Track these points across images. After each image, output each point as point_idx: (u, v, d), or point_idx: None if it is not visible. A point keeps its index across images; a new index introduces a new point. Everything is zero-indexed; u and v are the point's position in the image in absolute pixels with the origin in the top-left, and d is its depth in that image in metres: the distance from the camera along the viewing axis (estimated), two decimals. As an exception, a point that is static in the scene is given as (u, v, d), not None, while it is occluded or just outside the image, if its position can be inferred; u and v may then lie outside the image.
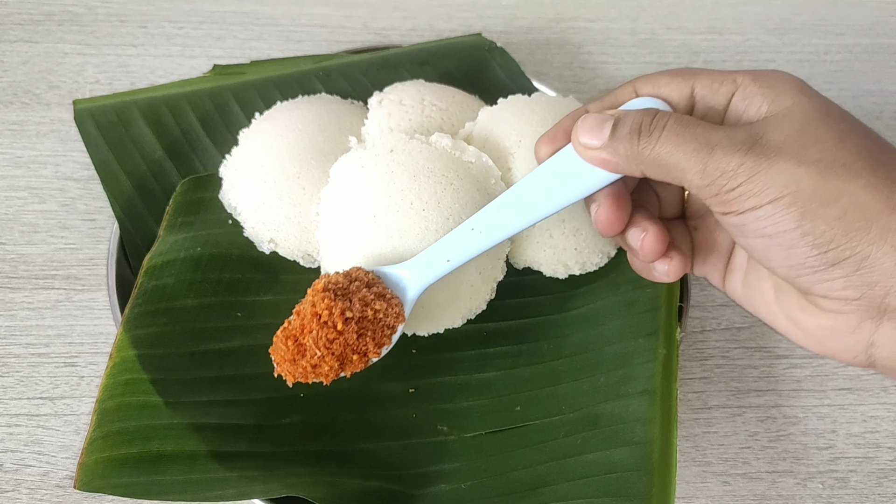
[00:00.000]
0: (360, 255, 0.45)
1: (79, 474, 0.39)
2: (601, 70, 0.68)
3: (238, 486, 0.39)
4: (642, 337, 0.45)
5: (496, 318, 0.48)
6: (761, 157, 0.33)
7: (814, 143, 0.33)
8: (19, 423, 0.47)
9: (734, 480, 0.48)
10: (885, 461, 0.49)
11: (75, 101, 0.55)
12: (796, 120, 0.34)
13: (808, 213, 0.32)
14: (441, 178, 0.45)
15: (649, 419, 0.41)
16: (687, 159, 0.34)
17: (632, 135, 0.36)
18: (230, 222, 0.50)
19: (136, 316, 0.45)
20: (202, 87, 0.58)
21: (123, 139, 0.53)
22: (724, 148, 0.34)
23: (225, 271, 0.48)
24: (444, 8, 0.71)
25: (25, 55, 0.64)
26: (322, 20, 0.69)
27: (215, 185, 0.51)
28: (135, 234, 0.50)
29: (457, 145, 0.47)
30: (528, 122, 0.49)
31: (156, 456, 0.40)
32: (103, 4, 0.68)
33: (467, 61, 0.61)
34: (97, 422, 0.41)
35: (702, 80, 0.38)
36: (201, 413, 0.42)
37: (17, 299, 0.51)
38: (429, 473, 0.43)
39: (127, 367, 0.43)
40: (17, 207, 0.55)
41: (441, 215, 0.45)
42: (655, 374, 0.43)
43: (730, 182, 0.33)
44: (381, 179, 0.45)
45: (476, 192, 0.46)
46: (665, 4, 0.74)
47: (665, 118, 0.35)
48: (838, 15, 0.74)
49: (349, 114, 0.53)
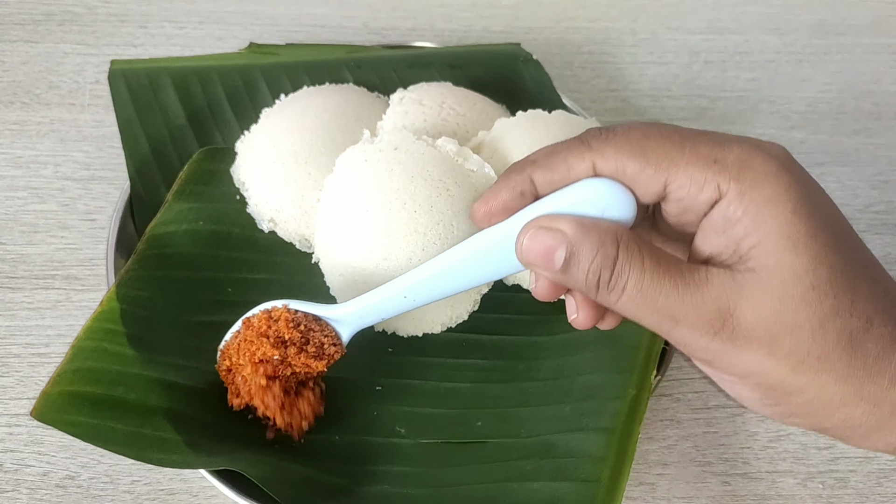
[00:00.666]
0: (348, 250, 0.45)
1: (38, 402, 0.40)
2: (601, 70, 0.68)
3: (183, 454, 0.40)
4: (616, 372, 0.44)
5: (478, 330, 0.48)
6: (728, 342, 0.30)
7: (789, 331, 0.30)
8: (19, 423, 0.47)
9: (734, 480, 0.48)
10: (884, 461, 0.49)
11: (113, 61, 0.57)
12: (775, 294, 0.30)
13: (772, 395, 0.31)
14: (438, 182, 0.45)
15: (601, 458, 0.41)
16: (649, 324, 0.32)
17: (588, 285, 0.32)
18: (238, 198, 0.51)
19: (130, 279, 0.46)
20: (235, 62, 0.59)
21: (150, 102, 0.55)
22: (689, 325, 0.30)
23: (223, 248, 0.49)
24: (444, 8, 0.71)
25: (25, 55, 0.64)
26: (322, 20, 0.69)
27: (230, 159, 0.53)
28: (144, 195, 0.52)
29: (461, 152, 0.47)
30: (539, 138, 0.48)
31: (117, 401, 0.41)
32: (104, 4, 0.68)
33: (500, 69, 0.61)
34: (71, 356, 0.42)
35: (679, 178, 0.31)
36: (172, 373, 0.43)
37: (17, 299, 0.51)
38: (376, 472, 0.42)
39: (111, 317, 0.44)
40: (17, 207, 0.55)
41: (432, 220, 0.45)
42: (620, 412, 0.42)
43: (694, 353, 0.32)
44: (380, 176, 0.46)
45: (471, 201, 0.45)
46: (665, 4, 0.74)
47: (625, 277, 0.31)
48: (838, 15, 0.74)
49: (370, 106, 0.54)
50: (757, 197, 0.30)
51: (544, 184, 0.34)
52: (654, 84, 0.68)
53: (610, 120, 0.64)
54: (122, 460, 0.45)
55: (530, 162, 0.34)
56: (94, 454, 0.46)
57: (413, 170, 0.45)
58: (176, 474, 0.45)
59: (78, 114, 0.61)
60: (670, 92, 0.68)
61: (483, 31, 0.70)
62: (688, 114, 0.66)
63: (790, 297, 0.29)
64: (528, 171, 0.34)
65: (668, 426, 0.49)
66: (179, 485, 0.45)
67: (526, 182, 0.34)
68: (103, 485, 0.45)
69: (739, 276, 0.30)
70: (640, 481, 0.47)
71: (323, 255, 0.48)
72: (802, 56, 0.71)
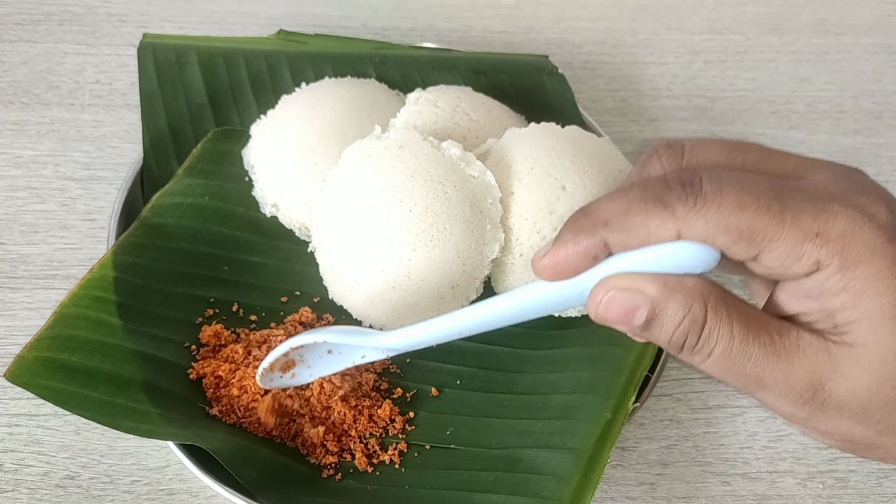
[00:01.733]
0: (341, 242, 0.46)
1: (12, 365, 0.40)
2: (601, 70, 0.68)
3: (154, 424, 0.40)
4: (594, 394, 0.44)
5: (464, 337, 0.48)
6: (817, 412, 0.30)
7: (882, 406, 0.30)
8: (19, 422, 0.47)
9: (734, 480, 0.48)
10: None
11: (145, 34, 0.58)
12: (873, 372, 0.29)
13: (850, 447, 0.32)
14: (437, 184, 0.45)
15: (566, 478, 0.40)
16: (733, 384, 0.31)
17: (672, 346, 0.31)
18: (246, 179, 0.52)
19: (128, 244, 0.47)
20: (262, 47, 0.59)
21: (175, 78, 0.55)
22: (777, 393, 0.30)
23: (225, 226, 0.50)
24: (444, 8, 0.71)
25: (25, 55, 0.64)
26: (322, 20, 0.69)
27: (244, 141, 0.54)
28: (156, 169, 0.53)
29: (464, 157, 0.47)
30: (546, 151, 0.48)
31: (92, 370, 0.42)
32: (104, 4, 0.68)
33: (524, 79, 0.60)
34: (52, 323, 0.43)
35: (776, 251, 0.29)
36: (153, 346, 0.44)
37: (17, 299, 0.51)
38: (341, 465, 0.43)
39: (101, 284, 0.45)
40: (17, 207, 0.55)
41: (426, 221, 0.45)
42: (591, 434, 0.41)
43: (779, 415, 0.32)
44: (381, 172, 0.46)
45: (468, 207, 0.45)
46: (665, 5, 0.74)
47: (713, 342, 0.30)
48: (838, 15, 0.74)
49: (387, 103, 0.54)
50: (860, 274, 0.28)
51: (619, 248, 0.31)
52: (653, 84, 0.68)
53: (610, 120, 0.64)
54: (122, 460, 0.45)
55: (602, 224, 0.31)
56: (94, 454, 0.46)
57: (414, 169, 0.46)
58: (176, 474, 0.45)
59: (78, 114, 0.61)
60: (670, 92, 0.68)
61: (483, 31, 0.70)
62: (688, 114, 0.66)
63: (889, 376, 0.29)
64: (602, 234, 0.31)
65: (669, 426, 0.49)
66: (179, 485, 0.45)
67: (599, 247, 0.31)
68: (103, 485, 0.45)
69: (834, 349, 0.29)
70: (640, 481, 0.47)
71: (318, 245, 0.48)
72: (802, 56, 0.71)
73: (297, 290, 0.49)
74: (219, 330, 0.46)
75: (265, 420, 0.43)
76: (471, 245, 0.46)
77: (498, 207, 0.47)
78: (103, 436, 0.46)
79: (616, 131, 0.62)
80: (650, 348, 0.44)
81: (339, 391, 0.43)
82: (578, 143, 0.49)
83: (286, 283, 0.49)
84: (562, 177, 0.47)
